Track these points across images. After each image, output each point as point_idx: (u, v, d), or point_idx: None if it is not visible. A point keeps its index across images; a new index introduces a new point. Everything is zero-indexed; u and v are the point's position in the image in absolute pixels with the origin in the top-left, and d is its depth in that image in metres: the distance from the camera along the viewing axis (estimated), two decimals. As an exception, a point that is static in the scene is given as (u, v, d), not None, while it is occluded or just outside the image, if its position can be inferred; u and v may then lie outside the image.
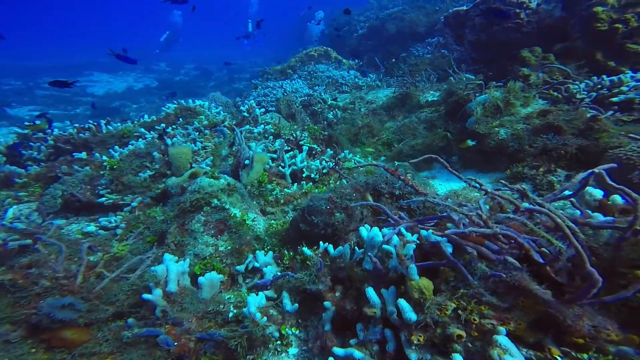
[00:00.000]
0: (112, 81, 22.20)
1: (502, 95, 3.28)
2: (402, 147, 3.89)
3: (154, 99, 17.20)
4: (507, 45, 3.90)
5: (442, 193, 3.11)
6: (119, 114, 15.09)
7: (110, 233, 3.50)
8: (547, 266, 1.33)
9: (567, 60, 3.76)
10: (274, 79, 8.93)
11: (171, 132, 4.16)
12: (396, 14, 10.62)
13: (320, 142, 4.12)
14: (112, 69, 24.18)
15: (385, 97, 6.64)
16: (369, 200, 2.25)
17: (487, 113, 3.25)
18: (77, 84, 5.88)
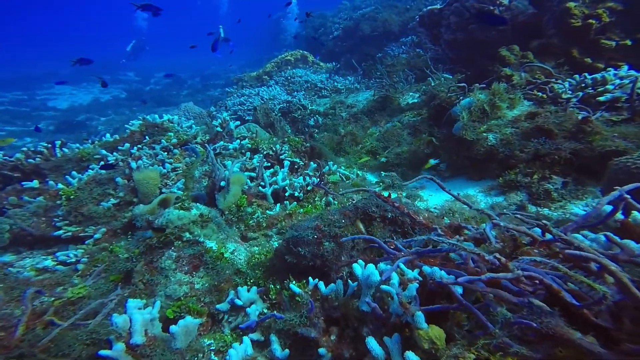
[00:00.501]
0: (75, 93, 20.99)
1: (487, 98, 3.15)
2: (388, 155, 3.69)
3: (123, 110, 16.35)
4: (484, 43, 3.80)
5: (434, 206, 2.92)
6: (86, 129, 14.20)
7: (71, 269, 3.10)
8: (584, 309, 1.13)
9: (544, 57, 3.69)
10: (249, 86, 8.58)
11: (136, 154, 3.76)
12: (369, 14, 10.52)
13: (303, 154, 3.86)
14: (74, 80, 22.90)
15: (365, 100, 6.46)
16: (360, 227, 2.01)
17: (474, 118, 3.10)
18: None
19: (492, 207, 2.54)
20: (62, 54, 33.53)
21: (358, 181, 3.43)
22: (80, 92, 21.33)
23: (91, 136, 13.02)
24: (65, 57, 30.53)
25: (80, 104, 18.62)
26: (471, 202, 2.74)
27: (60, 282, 2.99)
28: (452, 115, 3.29)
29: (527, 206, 2.59)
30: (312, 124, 6.48)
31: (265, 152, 3.80)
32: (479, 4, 3.59)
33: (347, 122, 5.88)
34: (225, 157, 3.73)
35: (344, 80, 7.89)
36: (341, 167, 3.92)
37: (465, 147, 3.14)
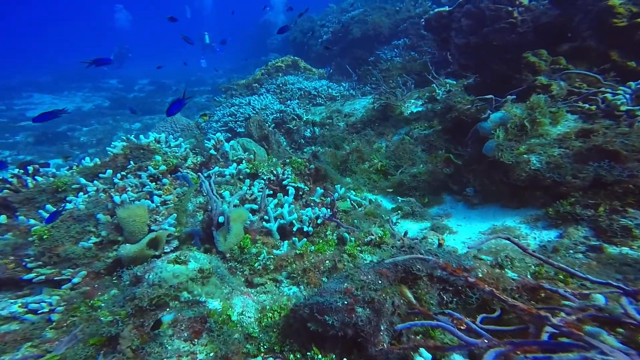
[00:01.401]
0: (57, 102, 19.74)
1: (526, 113, 2.75)
2: (403, 177, 3.28)
3: (106, 120, 15.40)
4: (501, 48, 3.43)
5: (471, 240, 2.52)
6: (68, 140, 13.27)
7: (43, 319, 2.57)
8: None
9: (577, 62, 3.31)
10: (239, 94, 8.03)
11: (120, 184, 3.22)
12: (358, 16, 10.09)
13: (307, 177, 3.41)
14: (55, 89, 21.60)
15: (363, 108, 6.04)
16: (407, 296, 1.58)
17: (510, 136, 2.70)
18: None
19: (556, 249, 2.12)
20: (40, 61, 31.63)
21: (372, 209, 3.02)
22: (62, 101, 20.09)
23: (73, 150, 12.07)
24: (43, 65, 28.78)
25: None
26: (515, 236, 2.36)
27: (28, 336, 2.47)
28: (480, 132, 2.88)
29: (604, 246, 2.13)
30: (309, 135, 6.03)
31: (266, 176, 3.33)
32: (495, 4, 3.21)
33: (348, 133, 5.45)
34: (221, 185, 3.24)
35: (338, 86, 7.45)
36: (350, 191, 3.49)
37: (501, 171, 2.70)
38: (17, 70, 27.69)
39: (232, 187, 3.20)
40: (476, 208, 2.94)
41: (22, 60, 33.81)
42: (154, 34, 45.05)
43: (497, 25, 3.20)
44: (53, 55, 35.42)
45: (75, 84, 22.58)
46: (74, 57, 34.53)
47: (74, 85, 22.29)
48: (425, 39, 7.59)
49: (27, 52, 38.92)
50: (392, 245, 2.48)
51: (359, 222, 2.84)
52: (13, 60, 32.63)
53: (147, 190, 3.11)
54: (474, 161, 2.95)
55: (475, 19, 3.41)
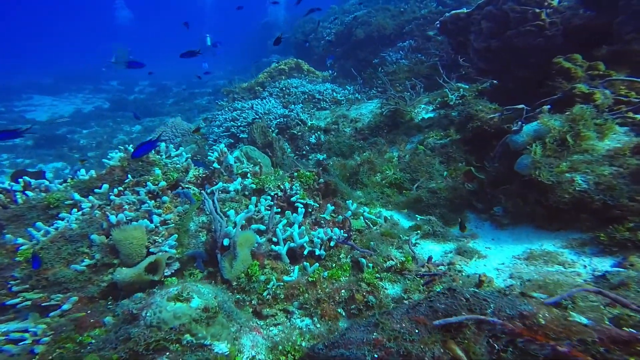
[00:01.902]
0: (57, 104, 19.44)
1: (566, 126, 2.45)
2: (421, 193, 3.01)
3: (106, 122, 15.10)
4: (525, 52, 3.14)
5: (505, 266, 2.25)
6: (67, 143, 12.98)
7: (25, 350, 2.32)
8: None
9: (616, 67, 3.02)
10: (241, 98, 7.76)
11: (116, 201, 2.95)
12: (362, 17, 9.81)
13: (316, 192, 3.14)
14: (56, 91, 21.28)
15: (370, 113, 5.78)
16: (457, 353, 1.32)
17: (549, 152, 2.44)
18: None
19: (625, 284, 1.81)
20: (41, 61, 31.16)
21: (388, 228, 2.76)
22: (61, 102, 19.79)
23: (72, 154, 11.76)
24: (44, 65, 28.39)
25: (61, 116, 17.18)
26: (559, 262, 2.10)
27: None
28: (510, 146, 2.60)
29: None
30: (314, 142, 5.77)
31: (273, 192, 3.06)
32: (521, 5, 2.94)
33: (355, 140, 5.18)
34: (225, 202, 2.97)
35: (342, 90, 7.18)
36: (362, 206, 3.23)
37: (538, 191, 2.40)
38: (17, 70, 27.31)
39: (237, 205, 2.94)
40: (506, 229, 2.66)
41: (24, 60, 33.38)
42: (155, 33, 44.58)
43: (522, 27, 2.94)
44: (54, 56, 35.02)
45: (76, 85, 22.27)
46: (75, 58, 34.19)
47: (75, 87, 21.97)
48: (432, 40, 7.32)
49: (29, 52, 38.44)
50: (416, 273, 2.22)
51: (375, 244, 2.58)
52: (14, 61, 32.19)
53: (145, 209, 2.84)
54: (502, 178, 2.67)
55: (497, 21, 3.15)
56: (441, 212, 2.89)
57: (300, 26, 13.45)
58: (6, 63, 32.02)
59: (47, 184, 3.54)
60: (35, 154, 11.86)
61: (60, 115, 15.05)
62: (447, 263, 2.33)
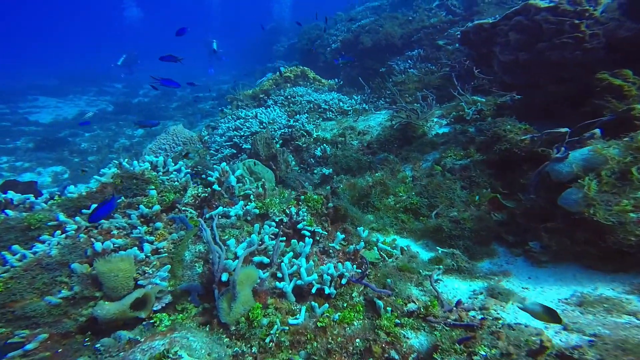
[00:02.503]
0: (61, 106, 19.29)
1: (629, 156, 2.03)
2: (442, 222, 2.69)
3: (110, 125, 14.89)
4: (559, 66, 2.82)
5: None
6: (68, 146, 12.73)
7: None
8: None
9: None
10: (245, 106, 7.49)
11: (105, 225, 2.65)
12: (369, 25, 9.57)
13: (324, 217, 2.83)
14: (60, 93, 21.15)
15: (379, 125, 5.48)
16: None
17: (606, 187, 2.06)
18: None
19: None
20: (47, 62, 31.06)
21: (406, 261, 2.44)
22: (66, 104, 19.65)
23: (72, 158, 11.49)
24: (50, 66, 28.49)
25: (64, 118, 17.01)
26: (626, 312, 1.76)
27: None
28: (551, 176, 2.26)
29: None
30: (319, 155, 5.46)
31: (277, 217, 2.75)
32: (556, 16, 2.64)
33: (363, 154, 4.87)
34: (225, 228, 2.66)
35: (349, 100, 6.90)
36: (373, 233, 2.91)
37: (592, 231, 2.05)
38: (24, 71, 27.23)
39: (239, 232, 2.63)
40: (545, 266, 2.31)
41: (30, 60, 33.32)
42: (162, 35, 44.50)
43: (557, 40, 2.64)
44: (62, 56, 34.97)
45: (81, 87, 22.16)
46: (82, 58, 34.14)
47: (79, 89, 21.85)
48: (442, 50, 7.04)
49: (35, 53, 38.42)
50: (444, 321, 1.90)
51: (392, 281, 2.26)
52: (20, 61, 32.14)
53: (136, 235, 2.54)
54: (540, 211, 2.34)
55: (528, 33, 2.86)
56: (465, 245, 2.56)
57: (306, 32, 13.23)
58: (13, 63, 31.98)
59: (32, 199, 3.25)
60: (35, 157, 11.62)
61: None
62: (479, 307, 2.00)
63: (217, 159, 5.92)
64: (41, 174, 10.72)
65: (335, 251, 2.67)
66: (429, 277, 2.26)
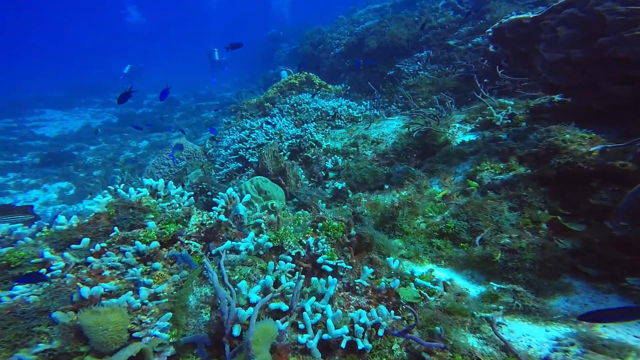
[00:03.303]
0: (67, 119, 19.18)
1: None
2: (491, 250, 2.24)
3: (114, 137, 14.66)
4: (627, 64, 2.36)
5: None
6: (73, 161, 12.49)
7: None
8: None
9: None
10: (249, 115, 7.12)
11: (95, 265, 2.27)
12: (374, 27, 9.19)
13: (347, 248, 2.42)
14: (66, 105, 21.06)
15: (393, 132, 5.06)
16: None
17: None
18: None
19: None
20: (53, 72, 31.03)
21: (453, 301, 2.01)
22: (72, 117, 19.53)
23: (78, 173, 11.18)
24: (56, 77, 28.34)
25: (70, 131, 16.85)
26: None
27: None
28: None
29: None
30: (330, 167, 5.06)
31: (294, 251, 2.34)
32: (627, 6, 2.21)
33: (379, 165, 4.46)
34: (234, 266, 2.26)
35: (358, 105, 6.49)
36: (404, 261, 2.49)
37: None
38: (31, 83, 27.19)
39: (250, 270, 2.23)
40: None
41: (38, 72, 33.26)
42: (164, 44, 44.50)
43: (628, 33, 2.20)
44: (66, 67, 34.99)
45: (86, 99, 22.07)
46: (86, 69, 34.13)
47: (84, 101, 21.77)
48: (453, 50, 6.61)
49: (42, 64, 38.46)
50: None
51: (442, 328, 1.84)
52: (29, 73, 32.11)
53: (130, 278, 2.15)
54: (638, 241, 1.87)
55: (584, 26, 2.42)
56: (527, 278, 2.08)
57: (308, 37, 12.90)
58: (20, 75, 32.01)
59: (18, 231, 2.89)
60: (40, 173, 11.37)
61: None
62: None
63: (222, 174, 5.55)
64: (47, 190, 10.46)
65: (362, 288, 2.25)
66: (489, 321, 1.84)
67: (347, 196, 4.55)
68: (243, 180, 5.44)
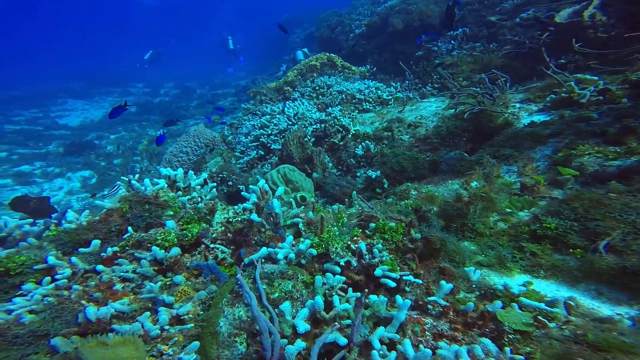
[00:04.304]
0: (88, 108, 19.06)
1: None
2: (636, 260, 1.64)
3: (132, 126, 14.39)
4: None
5: None
6: (94, 150, 12.28)
7: None
8: None
9: None
10: (269, 100, 6.52)
11: (105, 277, 1.80)
12: (399, 5, 8.29)
13: (410, 254, 1.88)
14: (87, 95, 20.93)
15: (433, 115, 4.39)
16: None
17: None
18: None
19: None
20: (73, 63, 30.94)
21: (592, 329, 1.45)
22: (92, 107, 19.40)
23: (99, 162, 10.95)
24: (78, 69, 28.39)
25: (91, 120, 16.70)
26: None
27: None
28: None
29: None
30: (361, 153, 4.46)
31: (342, 259, 1.81)
32: None
33: (419, 151, 3.84)
34: (273, 279, 1.74)
35: (387, 87, 5.79)
36: (483, 270, 1.93)
37: None
38: (55, 74, 27.17)
39: (292, 284, 1.71)
40: None
41: (61, 63, 33.22)
42: (180, 24, 43.74)
43: None
44: (87, 56, 34.85)
45: (105, 89, 21.87)
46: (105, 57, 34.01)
47: (104, 90, 21.57)
48: (497, 26, 5.75)
49: (64, 55, 38.35)
50: None
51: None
52: (51, 65, 32.09)
53: (147, 296, 1.67)
54: None
55: None
56: None
57: (325, 20, 12.01)
58: (44, 67, 32.03)
59: (25, 229, 2.46)
60: (64, 162, 11.21)
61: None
62: None
63: (243, 162, 5.04)
64: (71, 179, 10.30)
65: (437, 307, 1.71)
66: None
67: (382, 186, 3.97)
68: (266, 169, 4.92)
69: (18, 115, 17.57)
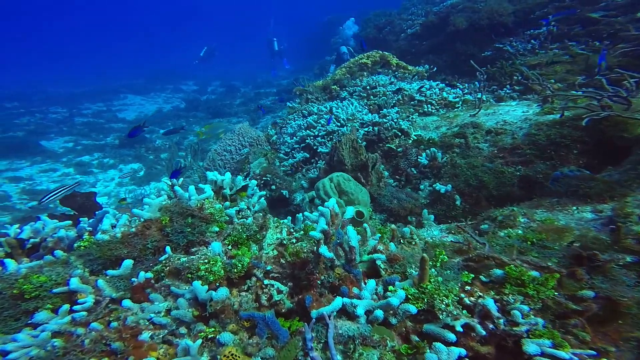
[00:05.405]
0: (144, 103, 20.10)
1: None
2: None
3: (181, 122, 14.76)
4: None
5: None
6: (145, 143, 12.71)
7: None
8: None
9: None
10: (315, 99, 5.99)
11: (130, 320, 1.33)
12: (463, 3, 7.34)
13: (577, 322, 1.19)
14: (144, 91, 22.15)
15: (522, 120, 3.50)
16: None
17: None
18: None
19: None
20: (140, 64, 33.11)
21: None
22: (148, 102, 20.45)
23: (148, 155, 11.22)
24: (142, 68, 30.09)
25: (145, 115, 17.51)
26: None
27: None
28: None
29: None
30: (426, 163, 3.73)
31: (459, 322, 1.15)
32: None
33: (504, 164, 3.05)
34: (350, 348, 1.14)
35: (454, 89, 4.97)
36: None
37: None
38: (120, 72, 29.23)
39: (377, 356, 1.09)
40: None
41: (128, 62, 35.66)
42: (230, 24, 45.33)
43: None
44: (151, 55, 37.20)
45: (160, 86, 23.00)
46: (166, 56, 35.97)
47: (159, 87, 22.69)
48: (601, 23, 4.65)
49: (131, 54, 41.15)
50: None
51: None
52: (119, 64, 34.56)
53: (183, 357, 1.16)
54: None
55: None
56: None
57: (372, 20, 11.27)
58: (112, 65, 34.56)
59: (60, 234, 2.11)
60: (118, 154, 11.70)
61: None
62: None
63: (287, 164, 4.54)
64: (122, 171, 10.67)
65: None
66: None
67: (453, 203, 3.23)
68: (312, 175, 4.38)
69: (87, 108, 18.97)
